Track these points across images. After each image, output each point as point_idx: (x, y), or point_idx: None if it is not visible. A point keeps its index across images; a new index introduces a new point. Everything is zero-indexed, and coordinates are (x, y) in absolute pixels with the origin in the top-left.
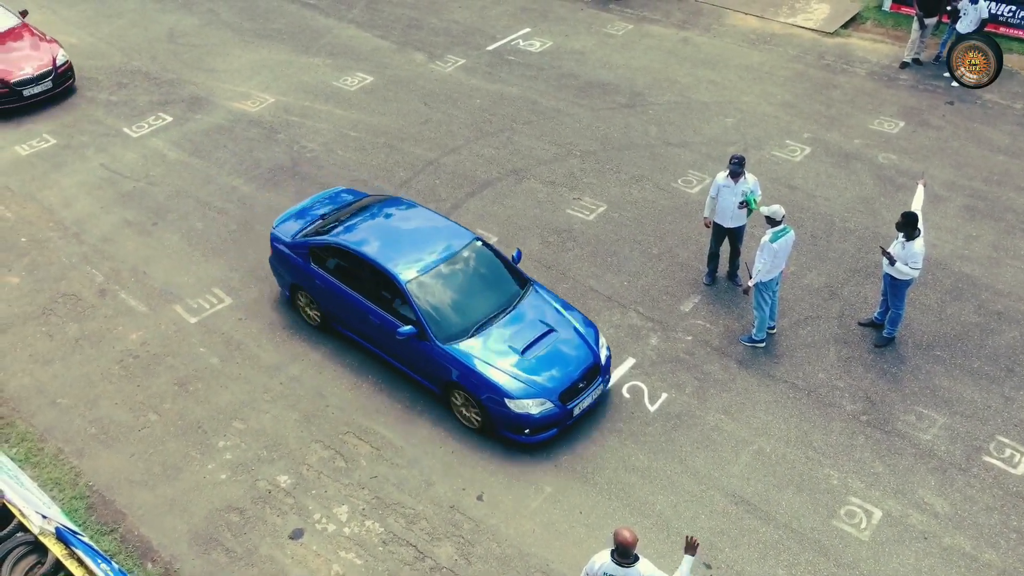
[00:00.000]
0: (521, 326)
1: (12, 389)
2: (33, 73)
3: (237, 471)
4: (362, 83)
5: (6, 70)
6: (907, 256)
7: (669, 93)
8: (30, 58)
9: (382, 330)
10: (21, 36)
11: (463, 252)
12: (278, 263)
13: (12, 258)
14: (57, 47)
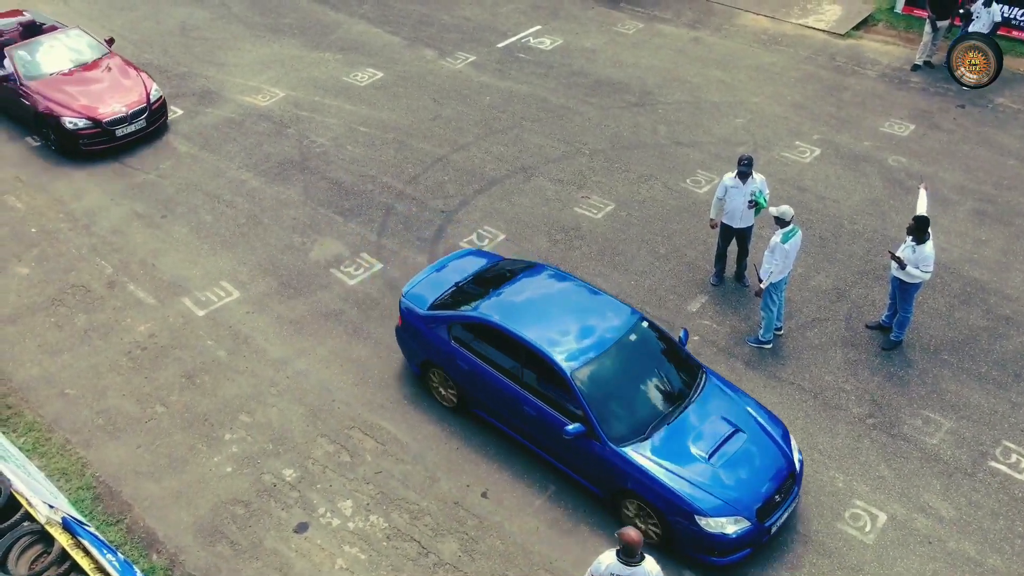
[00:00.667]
0: (702, 425)
1: (20, 379)
2: (126, 111)
3: (243, 464)
4: (372, 79)
5: (95, 107)
6: (918, 259)
7: (679, 92)
8: (121, 93)
9: (539, 424)
10: (110, 68)
11: (629, 334)
12: (409, 336)
13: (22, 249)
14: (149, 80)
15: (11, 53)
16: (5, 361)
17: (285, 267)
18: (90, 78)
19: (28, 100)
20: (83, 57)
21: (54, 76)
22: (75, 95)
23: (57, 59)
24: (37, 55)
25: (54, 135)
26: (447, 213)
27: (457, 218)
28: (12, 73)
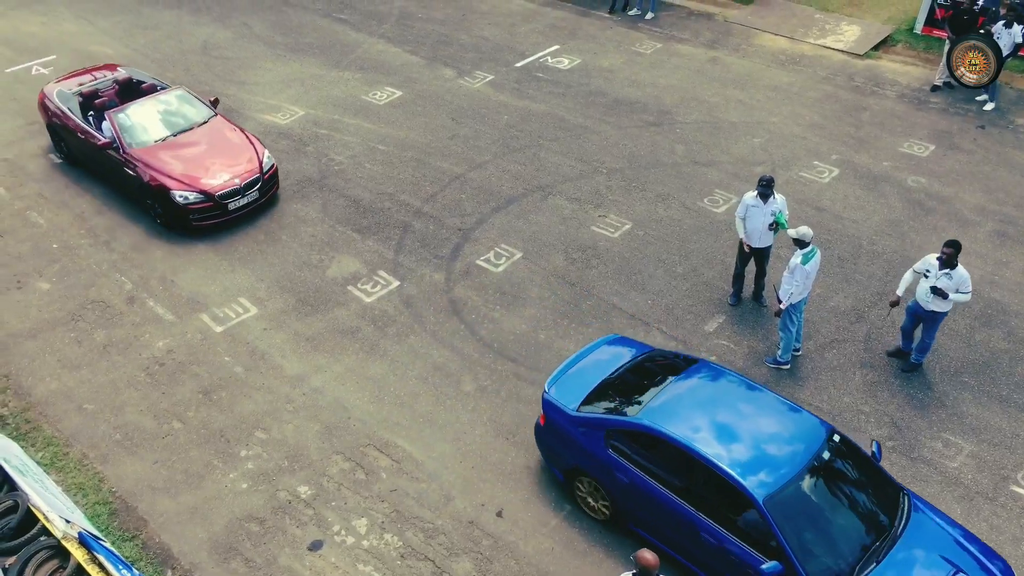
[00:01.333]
0: (918, 565)
1: (40, 394)
2: (239, 183)
3: (258, 481)
4: (391, 97)
5: (206, 178)
6: (957, 284)
7: (697, 112)
8: (232, 161)
9: (719, 555)
10: (218, 131)
11: (822, 451)
12: (553, 438)
13: (44, 264)
14: (260, 145)
15: (113, 117)
16: (25, 376)
17: (302, 284)
18: (199, 144)
19: (132, 170)
20: (189, 120)
21: (160, 143)
22: (184, 165)
23: (162, 123)
24: (140, 119)
25: (161, 208)
26: (464, 231)
27: (474, 236)
28: (114, 139)
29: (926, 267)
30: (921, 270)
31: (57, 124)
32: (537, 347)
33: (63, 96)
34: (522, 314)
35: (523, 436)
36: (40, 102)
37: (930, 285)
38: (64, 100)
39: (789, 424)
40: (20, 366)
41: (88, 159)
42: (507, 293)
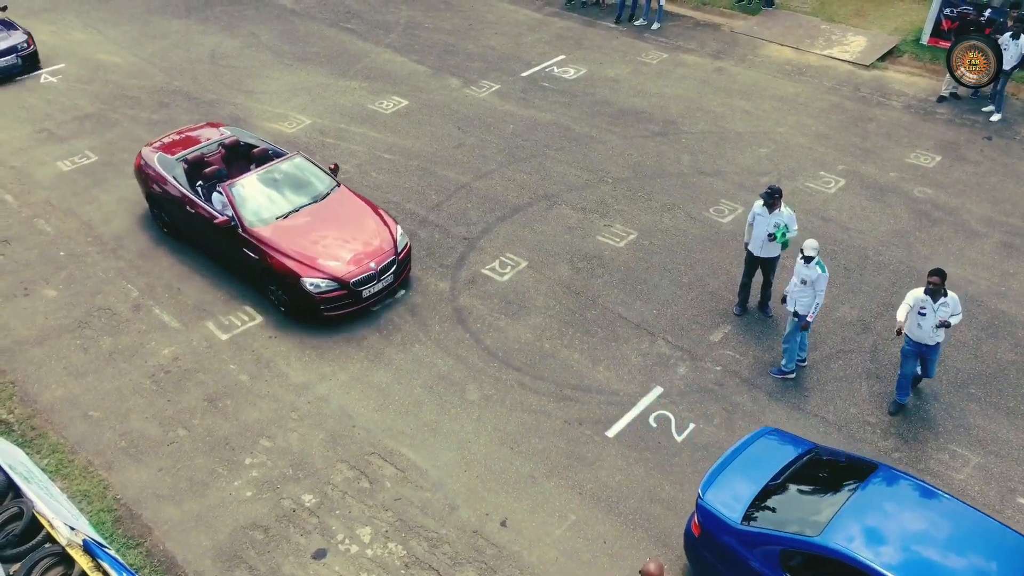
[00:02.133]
0: None
1: (46, 401)
2: (375, 266)
3: (262, 489)
4: (397, 106)
5: (338, 262)
6: (953, 310)
7: (703, 122)
8: (364, 241)
9: None
10: (345, 205)
11: None
12: (711, 553)
13: (51, 271)
14: (391, 220)
15: (229, 191)
16: (31, 382)
17: None
18: (325, 221)
19: (253, 251)
20: (311, 192)
21: (282, 219)
22: (312, 246)
23: (283, 196)
24: (259, 192)
25: (287, 295)
26: (470, 240)
27: (480, 245)
28: (232, 216)
29: (918, 304)
30: (914, 307)
31: (158, 194)
32: (542, 356)
33: (166, 163)
34: (527, 323)
35: (528, 445)
36: (137, 168)
37: (938, 321)
38: (167, 168)
39: (998, 547)
40: (26, 373)
41: (198, 235)
42: (512, 302)
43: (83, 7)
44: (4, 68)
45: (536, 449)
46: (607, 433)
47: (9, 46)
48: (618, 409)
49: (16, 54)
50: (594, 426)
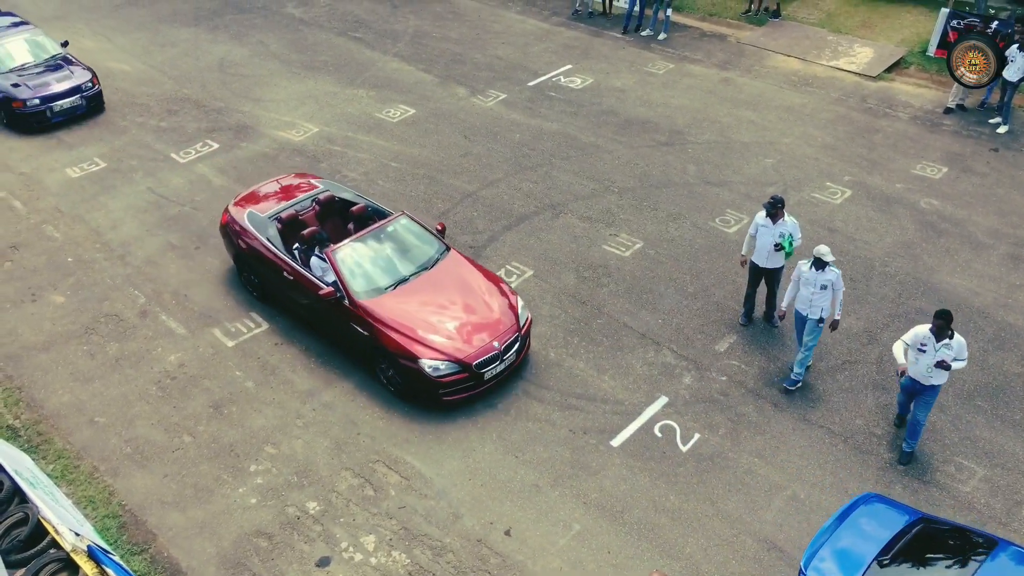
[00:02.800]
0: None
1: (52, 406)
2: (499, 345)
3: (267, 496)
4: (404, 115)
5: (459, 342)
6: (956, 352)
7: (709, 132)
8: (484, 315)
9: None
10: (458, 273)
11: None
12: None
13: (58, 277)
14: (510, 290)
15: (335, 258)
16: (38, 388)
17: None
18: (439, 291)
19: (364, 327)
20: (420, 257)
21: (392, 290)
22: (428, 322)
23: (392, 263)
24: (366, 258)
25: (401, 377)
26: (476, 249)
27: (486, 254)
28: (337, 286)
29: (919, 340)
30: (914, 344)
31: (248, 256)
32: (547, 365)
33: (257, 222)
34: (532, 332)
35: (532, 454)
36: (224, 225)
37: (935, 361)
38: (259, 227)
39: None
40: (33, 378)
41: (296, 304)
42: None
43: (93, 15)
44: (68, 109)
45: (541, 458)
46: (612, 442)
47: (73, 86)
48: (623, 419)
49: (81, 94)
50: (599, 435)
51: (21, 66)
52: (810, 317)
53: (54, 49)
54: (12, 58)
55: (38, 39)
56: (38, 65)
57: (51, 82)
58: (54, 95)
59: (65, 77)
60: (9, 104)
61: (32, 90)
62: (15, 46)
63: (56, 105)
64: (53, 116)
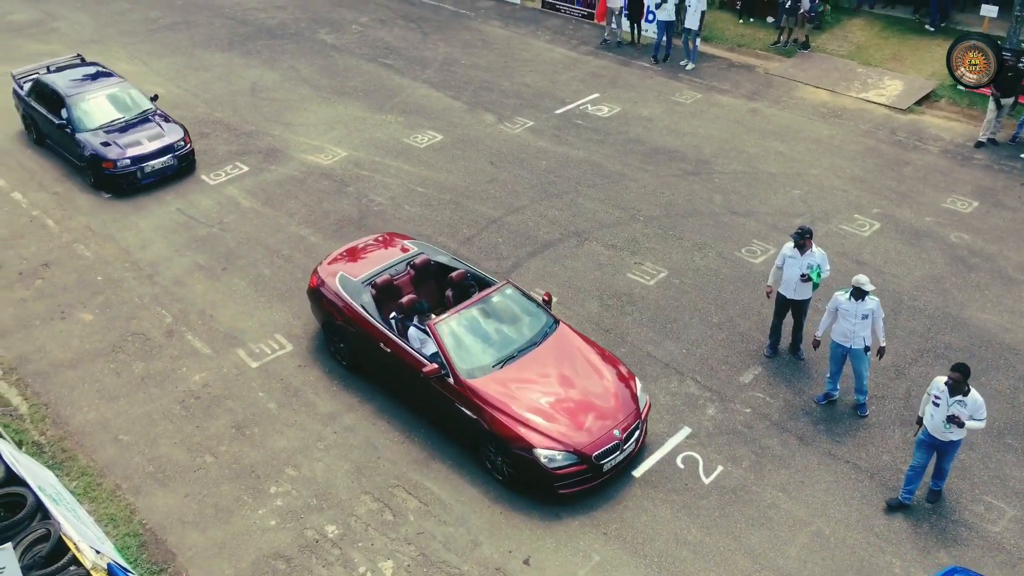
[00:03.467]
0: None
1: (77, 423)
2: (620, 434)
3: (286, 518)
4: (432, 141)
5: (578, 430)
6: (972, 410)
7: (736, 162)
8: (602, 399)
9: None
10: (570, 349)
11: None
12: None
13: (88, 295)
14: (626, 370)
15: (439, 331)
16: (64, 405)
17: None
18: (549, 371)
19: (471, 409)
20: (528, 331)
21: (500, 368)
22: (542, 406)
23: (499, 338)
24: (470, 331)
25: (512, 467)
26: (500, 274)
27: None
28: (442, 363)
29: (934, 392)
30: (930, 394)
31: (340, 324)
32: None
33: (350, 286)
34: None
35: None
36: (313, 289)
37: (946, 415)
38: (352, 292)
39: None
40: (59, 395)
41: (392, 378)
42: None
43: (130, 40)
44: (159, 170)
45: None
46: (633, 473)
47: (164, 145)
48: (645, 449)
49: (173, 154)
50: None
51: (110, 122)
52: (853, 347)
53: (144, 104)
54: (101, 113)
55: (128, 93)
56: (128, 121)
57: (142, 140)
58: (145, 155)
59: (157, 135)
60: (98, 164)
61: (122, 149)
62: (103, 100)
63: (147, 166)
64: (144, 177)
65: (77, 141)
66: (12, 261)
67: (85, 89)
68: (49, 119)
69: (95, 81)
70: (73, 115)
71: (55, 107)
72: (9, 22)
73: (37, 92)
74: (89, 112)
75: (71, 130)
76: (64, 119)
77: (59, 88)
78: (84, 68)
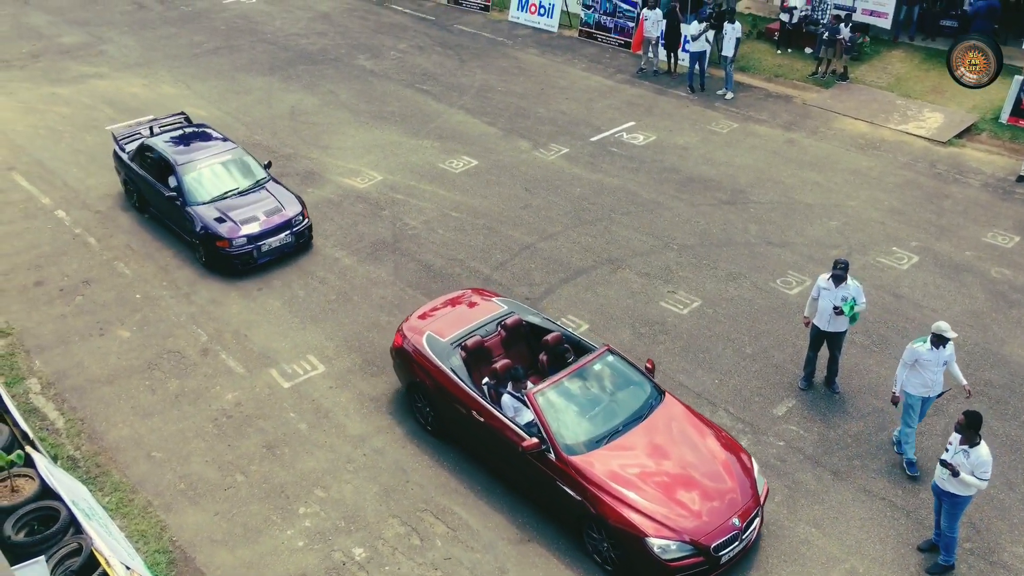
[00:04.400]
0: None
1: (112, 439)
2: (739, 523)
3: (314, 539)
4: (467, 166)
5: (683, 514)
6: (974, 465)
7: (772, 192)
8: (712, 475)
9: None
10: (680, 424)
11: None
12: None
13: (126, 313)
14: (740, 448)
15: (538, 401)
16: (99, 420)
17: (370, 345)
18: (658, 447)
19: (575, 489)
20: (633, 404)
21: (606, 444)
22: (652, 488)
23: (603, 411)
24: (573, 403)
25: (618, 554)
26: (532, 300)
27: (542, 306)
28: (543, 436)
29: (953, 436)
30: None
31: (428, 387)
32: None
33: (439, 348)
34: None
35: None
36: (398, 349)
37: (940, 458)
38: (441, 355)
39: None
40: (95, 411)
41: (484, 448)
42: None
43: (174, 63)
44: (276, 249)
45: None
46: None
47: (283, 221)
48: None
49: (291, 230)
50: None
51: (223, 194)
52: (932, 396)
53: (259, 172)
54: (214, 184)
55: (242, 160)
56: (242, 191)
57: (258, 215)
58: (262, 233)
59: (274, 209)
60: (212, 242)
61: (238, 226)
62: (217, 169)
63: (265, 244)
64: (260, 256)
65: (188, 215)
66: (54, 278)
67: (196, 156)
68: (156, 188)
69: (205, 145)
70: (184, 186)
71: (163, 174)
72: (59, 44)
73: (142, 157)
74: (201, 182)
75: (181, 202)
76: (174, 190)
77: (167, 154)
78: (191, 129)
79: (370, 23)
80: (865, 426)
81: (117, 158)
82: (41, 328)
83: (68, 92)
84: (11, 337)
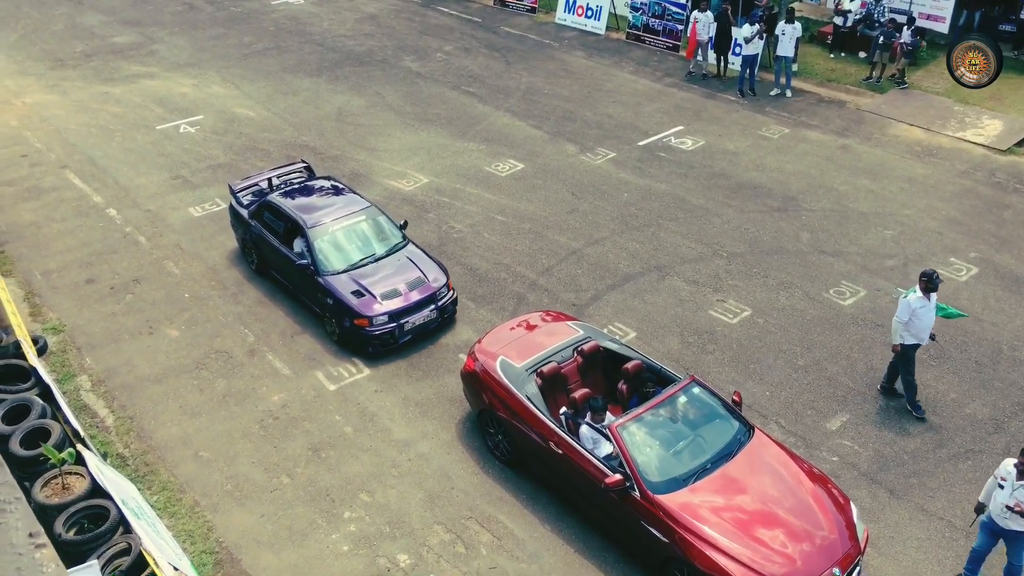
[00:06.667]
0: None
1: (160, 438)
2: (840, 573)
3: (359, 544)
4: (513, 170)
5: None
6: None
7: (825, 200)
8: (809, 522)
9: None
10: (769, 462)
11: None
12: None
13: (175, 312)
14: (836, 489)
15: (622, 436)
16: (148, 419)
17: (415, 348)
18: (750, 488)
19: (660, 530)
20: (721, 439)
21: (696, 484)
22: (744, 532)
23: (688, 447)
24: (658, 438)
25: None
26: (578, 307)
27: (588, 312)
28: (624, 470)
29: (1001, 473)
30: (997, 475)
31: (501, 415)
32: None
33: (513, 375)
34: None
35: None
36: (469, 373)
37: (1012, 503)
38: (516, 381)
39: None
40: (144, 409)
41: (563, 482)
42: None
43: (224, 63)
44: (420, 326)
45: None
46: None
47: (427, 295)
48: None
49: (435, 305)
50: None
51: (359, 261)
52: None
53: (395, 235)
54: (348, 250)
55: (377, 220)
56: (378, 258)
57: (400, 288)
58: (406, 309)
59: (417, 281)
60: (350, 319)
61: (379, 301)
62: (351, 234)
63: (408, 322)
64: (401, 336)
65: (321, 286)
66: (105, 276)
67: (327, 217)
68: (282, 253)
69: (334, 201)
70: (316, 252)
71: (289, 236)
72: (112, 43)
73: (265, 216)
74: (335, 248)
75: (312, 270)
76: (302, 255)
77: (296, 215)
78: (316, 182)
79: (416, 25)
80: (923, 443)
81: (234, 213)
82: (92, 326)
83: (120, 91)
84: (63, 334)
